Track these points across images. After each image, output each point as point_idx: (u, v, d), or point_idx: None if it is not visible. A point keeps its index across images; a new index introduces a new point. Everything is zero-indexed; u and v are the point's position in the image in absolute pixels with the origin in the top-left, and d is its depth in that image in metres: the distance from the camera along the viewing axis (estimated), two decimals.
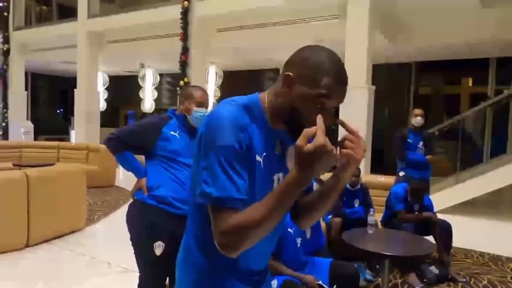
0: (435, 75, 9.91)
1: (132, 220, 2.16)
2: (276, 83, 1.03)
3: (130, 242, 2.16)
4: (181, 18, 7.43)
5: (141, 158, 2.24)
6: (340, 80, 0.96)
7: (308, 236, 2.64)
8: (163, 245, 2.08)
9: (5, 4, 11.13)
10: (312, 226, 2.69)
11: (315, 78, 0.94)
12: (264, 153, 1.00)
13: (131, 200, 2.26)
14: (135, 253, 2.15)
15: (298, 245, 2.55)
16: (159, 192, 2.11)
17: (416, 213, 3.77)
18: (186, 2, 7.38)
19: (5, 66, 11.14)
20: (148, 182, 2.14)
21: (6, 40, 11.02)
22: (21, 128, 10.60)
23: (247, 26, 7.31)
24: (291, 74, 0.96)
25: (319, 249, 2.78)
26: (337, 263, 2.61)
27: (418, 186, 3.70)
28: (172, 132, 2.18)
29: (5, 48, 11.01)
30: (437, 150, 6.42)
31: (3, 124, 11.31)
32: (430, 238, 3.56)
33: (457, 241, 3.98)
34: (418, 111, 4.55)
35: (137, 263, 2.16)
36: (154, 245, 2.07)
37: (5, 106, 11.34)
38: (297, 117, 0.97)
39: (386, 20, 6.44)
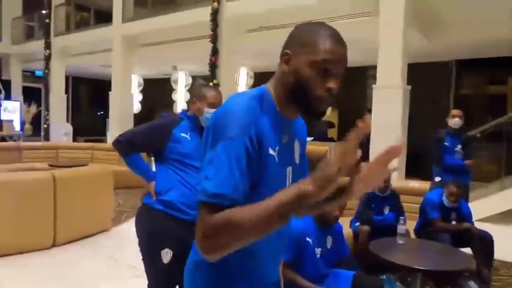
0: (478, 74, 9.32)
1: (139, 226, 2.08)
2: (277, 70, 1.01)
3: (139, 248, 2.08)
4: (210, 20, 7.42)
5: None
6: (338, 42, 0.94)
7: (329, 245, 2.47)
8: (172, 252, 1.98)
9: (47, 11, 11.66)
10: (333, 235, 2.52)
11: (314, 45, 0.93)
12: (277, 147, 0.96)
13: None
14: (143, 260, 2.07)
15: (318, 256, 2.38)
16: (167, 196, 2.01)
17: (453, 222, 3.48)
18: (215, 3, 7.36)
19: (46, 71, 11.66)
20: (157, 186, 2.05)
21: (48, 46, 11.53)
22: (61, 129, 11.03)
23: (278, 25, 7.18)
24: (288, 51, 0.97)
25: (342, 260, 2.60)
26: (360, 276, 2.42)
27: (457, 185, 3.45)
28: (183, 134, 2.08)
29: (46, 54, 11.52)
30: (480, 154, 5.99)
31: (45, 126, 11.84)
32: (469, 249, 3.27)
33: (500, 254, 3.63)
34: (455, 111, 4.23)
35: (145, 270, 2.07)
36: (162, 252, 1.97)
37: (47, 109, 11.86)
38: (304, 92, 0.94)
39: (423, 15, 6.08)
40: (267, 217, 0.83)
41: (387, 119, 5.33)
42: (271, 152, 0.94)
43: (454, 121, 4.19)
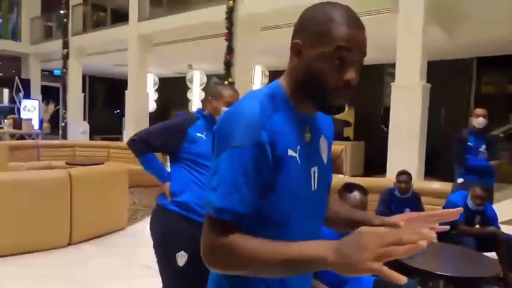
0: (500, 72, 9.04)
1: (153, 227, 2.03)
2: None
3: (153, 250, 2.04)
4: (226, 18, 7.38)
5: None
6: (353, 24, 0.83)
7: None
8: (187, 255, 1.93)
9: (65, 11, 11.81)
10: None
11: (327, 32, 0.82)
12: (298, 146, 0.87)
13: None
14: (157, 262, 2.03)
15: None
16: (182, 198, 1.97)
17: (477, 225, 3.35)
18: (231, 2, 7.32)
19: (64, 70, 11.81)
20: (172, 187, 2.00)
21: (66, 45, 11.68)
22: (79, 128, 11.16)
23: (294, 23, 7.09)
24: (298, 41, 0.86)
25: None
26: (381, 281, 2.33)
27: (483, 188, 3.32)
28: (198, 134, 2.03)
29: (64, 53, 11.68)
30: (503, 154, 5.78)
31: (63, 124, 12.01)
32: (494, 254, 3.14)
33: None
34: (480, 111, 4.07)
35: (160, 272, 2.03)
36: (177, 255, 1.93)
37: (64, 107, 12.03)
38: (318, 86, 0.84)
39: (444, 11, 5.91)
40: (273, 263, 0.76)
41: (406, 118, 5.20)
42: (291, 153, 0.85)
43: (478, 121, 4.03)
